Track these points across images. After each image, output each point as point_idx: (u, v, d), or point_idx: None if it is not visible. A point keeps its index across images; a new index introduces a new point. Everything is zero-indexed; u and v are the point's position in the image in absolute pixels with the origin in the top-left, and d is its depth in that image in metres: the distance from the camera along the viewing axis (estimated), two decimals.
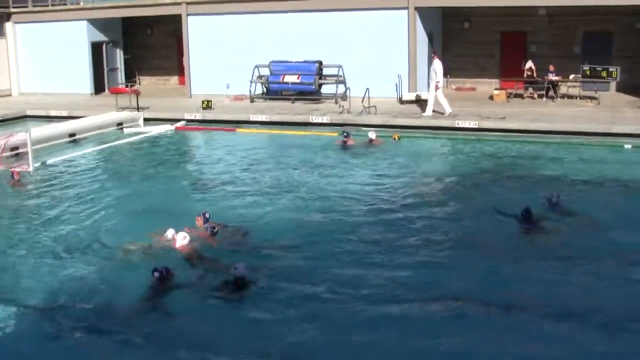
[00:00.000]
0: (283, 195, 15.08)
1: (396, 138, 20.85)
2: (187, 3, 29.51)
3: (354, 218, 13.26)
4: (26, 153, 18.08)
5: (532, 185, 15.25)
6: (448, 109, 22.91)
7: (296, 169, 17.59)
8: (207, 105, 25.67)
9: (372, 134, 20.22)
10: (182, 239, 11.22)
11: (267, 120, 24.07)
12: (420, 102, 24.87)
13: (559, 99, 25.86)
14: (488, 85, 29.37)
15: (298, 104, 26.82)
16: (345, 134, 20.40)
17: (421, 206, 14.02)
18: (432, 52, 23.96)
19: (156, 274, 9.90)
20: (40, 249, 11.79)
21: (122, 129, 23.74)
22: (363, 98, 23.75)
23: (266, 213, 13.71)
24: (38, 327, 9.03)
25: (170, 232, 11.50)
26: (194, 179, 17.28)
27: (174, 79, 34.83)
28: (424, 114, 23.25)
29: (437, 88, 23.07)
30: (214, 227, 11.74)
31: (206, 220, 12.08)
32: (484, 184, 15.74)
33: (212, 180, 16.77)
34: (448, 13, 29.86)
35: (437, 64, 23.22)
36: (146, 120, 24.75)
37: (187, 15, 29.59)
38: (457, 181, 16.10)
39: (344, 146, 20.00)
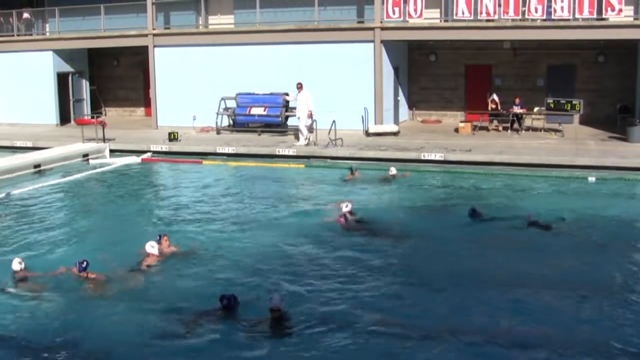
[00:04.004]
0: (246, 225, 15.12)
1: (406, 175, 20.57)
2: (154, 35, 29.49)
3: (319, 249, 13.33)
4: None
5: None
6: (303, 141, 24.32)
7: (261, 201, 17.59)
8: (174, 137, 25.58)
9: (393, 170, 19.85)
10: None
11: (234, 152, 24.01)
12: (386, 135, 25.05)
13: (523, 132, 26.14)
14: (453, 118, 29.67)
15: (265, 136, 26.80)
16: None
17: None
18: (298, 85, 24.78)
19: (224, 302, 9.81)
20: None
21: (88, 160, 23.55)
22: (330, 130, 23.81)
23: (228, 244, 13.78)
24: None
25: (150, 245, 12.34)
26: (159, 210, 17.19)
27: (140, 110, 34.67)
28: (297, 144, 24.37)
29: (309, 116, 24.25)
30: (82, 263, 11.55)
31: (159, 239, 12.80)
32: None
33: (177, 212, 16.66)
34: (414, 46, 30.17)
35: (308, 94, 24.56)
36: (112, 151, 24.65)
37: (154, 46, 29.54)
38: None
39: (350, 179, 19.78)
